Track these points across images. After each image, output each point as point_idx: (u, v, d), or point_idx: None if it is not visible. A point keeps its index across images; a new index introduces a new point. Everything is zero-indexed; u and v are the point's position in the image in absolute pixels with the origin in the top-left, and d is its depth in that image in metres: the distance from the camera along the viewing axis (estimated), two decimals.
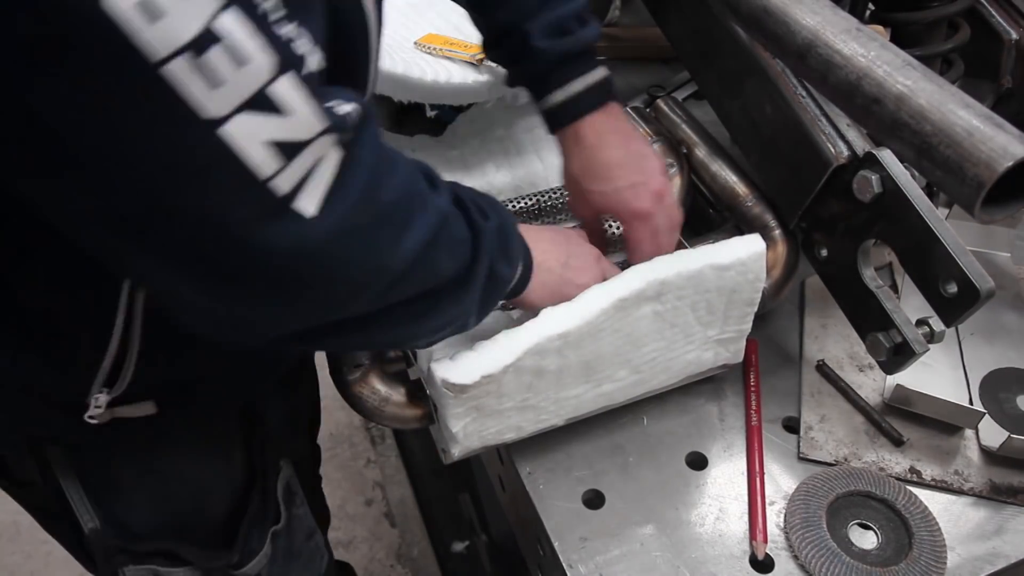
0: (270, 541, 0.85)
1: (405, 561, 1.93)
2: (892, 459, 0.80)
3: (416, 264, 0.55)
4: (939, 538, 0.73)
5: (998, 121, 0.64)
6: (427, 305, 0.59)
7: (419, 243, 0.54)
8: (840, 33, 0.73)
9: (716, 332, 0.80)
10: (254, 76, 0.41)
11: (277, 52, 0.42)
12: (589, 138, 0.79)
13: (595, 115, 0.79)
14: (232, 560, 0.83)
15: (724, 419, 0.84)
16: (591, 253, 0.76)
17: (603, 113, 0.80)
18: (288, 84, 0.43)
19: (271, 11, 0.42)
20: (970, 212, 0.65)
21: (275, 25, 0.42)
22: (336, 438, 2.18)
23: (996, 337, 0.90)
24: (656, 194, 0.78)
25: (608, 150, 0.78)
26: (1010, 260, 0.99)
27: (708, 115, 0.99)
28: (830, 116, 0.79)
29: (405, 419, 0.75)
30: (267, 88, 0.42)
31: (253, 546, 0.84)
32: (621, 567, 0.72)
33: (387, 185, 0.52)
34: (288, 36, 0.43)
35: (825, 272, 0.83)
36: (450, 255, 0.58)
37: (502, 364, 0.68)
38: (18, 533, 2.01)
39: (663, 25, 1.04)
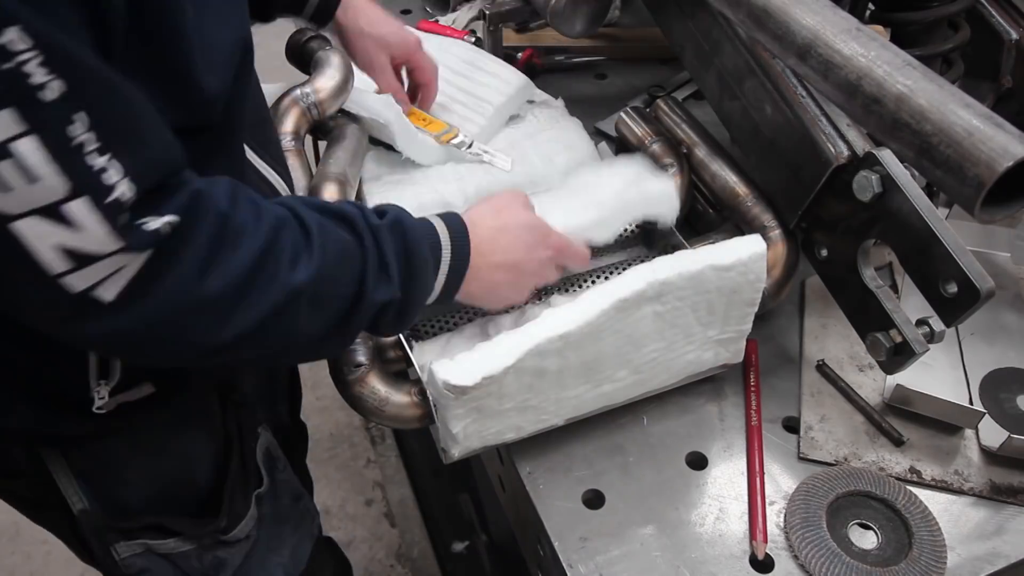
0: (255, 504, 0.88)
1: (405, 561, 1.93)
2: (892, 459, 0.80)
3: (256, 334, 0.58)
4: (939, 538, 0.73)
5: (998, 121, 0.64)
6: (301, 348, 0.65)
7: (253, 321, 0.58)
8: (840, 33, 0.73)
9: (716, 332, 0.80)
10: (45, 192, 0.47)
11: (72, 178, 0.47)
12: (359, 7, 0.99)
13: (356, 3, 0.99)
14: (220, 525, 0.85)
15: (724, 419, 0.84)
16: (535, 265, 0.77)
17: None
18: (83, 206, 0.48)
19: (86, 143, 0.47)
20: (970, 212, 0.65)
21: (87, 156, 0.47)
22: (336, 438, 2.18)
23: (996, 337, 0.90)
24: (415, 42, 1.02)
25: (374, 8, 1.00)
26: (1010, 260, 0.99)
27: (708, 115, 0.99)
28: (830, 116, 0.79)
29: (405, 419, 0.75)
30: (60, 205, 0.47)
31: (238, 510, 0.86)
32: (621, 567, 0.72)
33: (212, 277, 0.55)
34: (99, 167, 0.48)
35: (825, 272, 0.83)
36: (315, 317, 0.62)
37: (503, 365, 0.68)
38: (18, 533, 2.00)
39: (663, 25, 1.04)
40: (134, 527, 0.81)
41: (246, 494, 0.87)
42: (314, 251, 0.60)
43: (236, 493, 0.86)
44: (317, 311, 0.61)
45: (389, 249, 0.64)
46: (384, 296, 0.64)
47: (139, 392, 0.73)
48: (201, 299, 0.55)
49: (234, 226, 0.56)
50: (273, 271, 0.58)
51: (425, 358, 0.77)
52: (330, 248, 0.61)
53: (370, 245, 0.63)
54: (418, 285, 0.67)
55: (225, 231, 0.56)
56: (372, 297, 0.63)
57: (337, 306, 0.62)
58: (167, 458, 0.83)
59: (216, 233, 0.55)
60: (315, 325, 0.62)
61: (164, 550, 0.83)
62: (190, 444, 0.84)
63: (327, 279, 0.61)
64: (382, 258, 0.64)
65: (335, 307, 0.62)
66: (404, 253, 0.65)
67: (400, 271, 0.65)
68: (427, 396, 0.73)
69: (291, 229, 0.60)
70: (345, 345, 0.70)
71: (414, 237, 0.66)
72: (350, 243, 0.63)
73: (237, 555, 0.87)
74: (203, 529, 0.84)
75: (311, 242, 0.60)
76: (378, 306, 0.64)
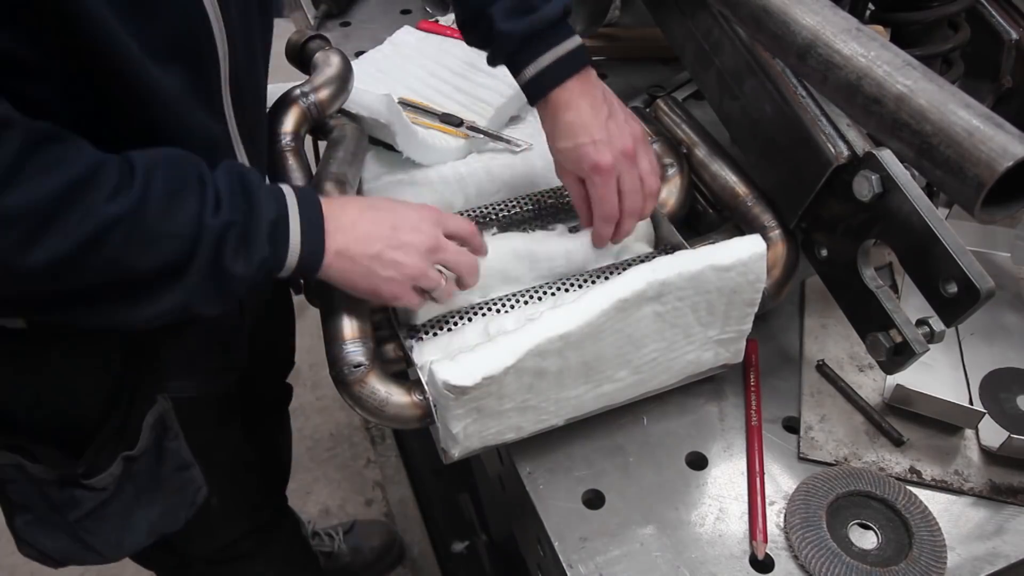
0: (121, 462, 0.90)
1: (405, 561, 1.93)
2: (892, 459, 0.80)
3: (75, 260, 0.59)
4: (939, 538, 0.73)
5: (998, 121, 0.64)
6: (127, 295, 0.65)
7: (63, 252, 0.58)
8: (840, 33, 0.73)
9: (716, 332, 0.80)
10: None
11: None
12: (560, 103, 0.83)
13: (568, 83, 0.83)
14: (77, 471, 0.87)
15: (724, 419, 0.84)
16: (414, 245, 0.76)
17: (576, 80, 0.83)
18: None
19: None
20: (970, 212, 0.65)
21: None
22: (336, 438, 2.18)
23: (996, 337, 0.90)
24: (621, 152, 0.82)
25: (574, 111, 0.82)
26: (1010, 260, 0.99)
27: (708, 115, 0.99)
28: (830, 116, 0.79)
29: (405, 419, 0.75)
30: None
31: (101, 463, 0.89)
32: (621, 567, 0.72)
33: (17, 191, 0.56)
34: None
35: (825, 272, 0.83)
36: (146, 251, 0.62)
37: (503, 365, 0.68)
38: None
39: (663, 25, 1.04)
40: (11, 443, 0.85)
41: (113, 452, 0.89)
42: (135, 186, 0.62)
43: (103, 449, 0.89)
44: (146, 247, 0.62)
45: (224, 185, 0.67)
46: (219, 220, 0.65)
47: (9, 323, 0.75)
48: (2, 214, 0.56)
49: (49, 154, 0.58)
50: (90, 200, 0.59)
51: (425, 358, 0.77)
52: (159, 186, 0.63)
53: (209, 185, 0.66)
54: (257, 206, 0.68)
55: (36, 155, 0.57)
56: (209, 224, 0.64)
57: (171, 244, 0.63)
58: (51, 387, 0.85)
59: (22, 155, 0.56)
60: (147, 261, 0.63)
61: (31, 472, 0.87)
62: (76, 383, 0.86)
63: (154, 214, 0.62)
64: (218, 195, 0.66)
65: (169, 244, 0.63)
66: (240, 185, 0.68)
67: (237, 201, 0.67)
68: (427, 396, 0.73)
69: (113, 168, 0.62)
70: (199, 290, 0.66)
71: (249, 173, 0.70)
72: (189, 185, 0.65)
73: (91, 500, 0.90)
74: (61, 468, 0.87)
75: (134, 178, 0.62)
76: (215, 230, 0.65)
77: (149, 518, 0.97)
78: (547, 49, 0.82)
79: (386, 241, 0.74)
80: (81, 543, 0.94)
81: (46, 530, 0.93)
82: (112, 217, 0.60)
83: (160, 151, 0.67)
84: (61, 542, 0.94)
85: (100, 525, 0.93)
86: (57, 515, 0.91)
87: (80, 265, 0.61)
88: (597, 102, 0.83)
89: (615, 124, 0.83)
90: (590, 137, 0.81)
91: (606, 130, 0.82)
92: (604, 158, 0.81)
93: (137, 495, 0.94)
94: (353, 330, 0.76)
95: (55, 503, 0.90)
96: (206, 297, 0.68)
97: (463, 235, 0.80)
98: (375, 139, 1.02)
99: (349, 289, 0.76)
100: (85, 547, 0.95)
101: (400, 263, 0.74)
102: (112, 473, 0.90)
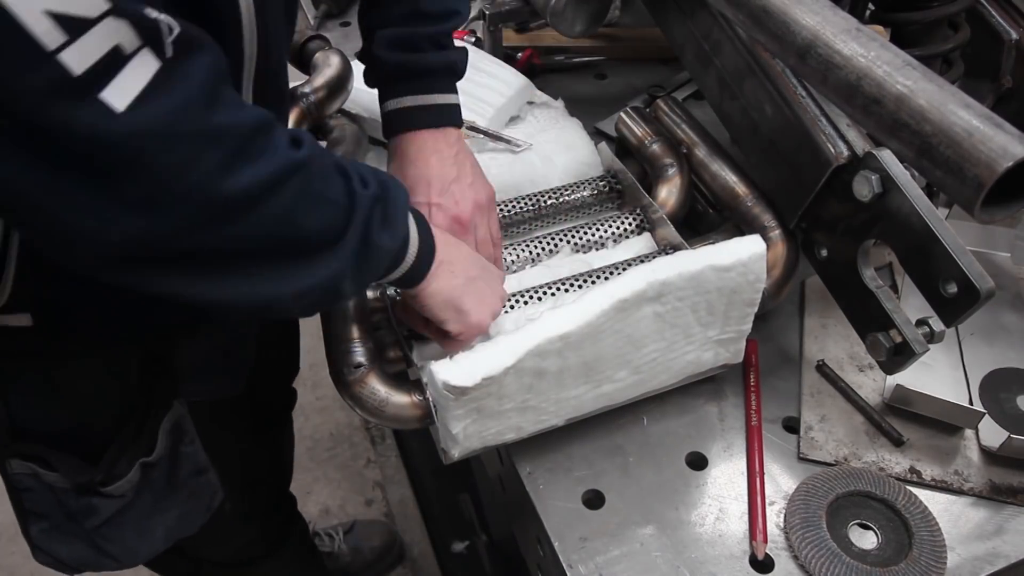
0: (139, 470, 0.90)
1: (405, 561, 1.93)
2: (892, 459, 0.80)
3: (256, 204, 0.56)
4: (939, 538, 0.73)
5: (998, 121, 0.64)
6: (288, 259, 0.61)
7: (257, 181, 0.55)
8: (840, 33, 0.73)
9: (716, 332, 0.80)
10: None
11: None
12: (409, 152, 0.83)
13: (423, 133, 0.83)
14: (96, 478, 0.87)
15: (724, 419, 0.84)
16: (499, 288, 0.78)
17: (433, 135, 0.83)
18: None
19: None
20: (970, 212, 0.65)
21: None
22: (336, 438, 2.18)
23: (996, 337, 0.90)
24: (455, 219, 0.81)
25: (420, 165, 0.82)
26: (1010, 260, 0.99)
27: (708, 115, 0.99)
28: (830, 116, 0.79)
29: (405, 419, 0.75)
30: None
31: (119, 471, 0.88)
32: (621, 567, 0.72)
33: (222, 111, 0.53)
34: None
35: (825, 272, 0.83)
36: (313, 210, 0.60)
37: (503, 366, 0.68)
38: (18, 533, 2.00)
39: (663, 25, 1.04)
40: (26, 452, 0.85)
41: (132, 458, 0.89)
42: (304, 146, 0.60)
43: (121, 456, 0.89)
44: (311, 206, 0.60)
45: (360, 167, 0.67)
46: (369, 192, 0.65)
47: (15, 320, 0.74)
48: (208, 128, 0.53)
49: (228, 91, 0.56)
50: (275, 140, 0.58)
51: (425, 358, 0.77)
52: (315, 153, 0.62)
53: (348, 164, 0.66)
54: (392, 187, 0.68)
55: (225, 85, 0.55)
56: (361, 193, 0.64)
57: (332, 209, 0.62)
58: (67, 396, 0.85)
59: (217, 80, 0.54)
60: (311, 222, 0.61)
61: (47, 480, 0.87)
62: (93, 391, 0.86)
63: (317, 176, 0.61)
64: (360, 172, 0.66)
65: (330, 209, 0.62)
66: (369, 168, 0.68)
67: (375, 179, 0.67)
68: (427, 396, 0.73)
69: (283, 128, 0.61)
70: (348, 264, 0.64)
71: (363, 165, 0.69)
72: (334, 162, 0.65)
73: (109, 507, 0.90)
74: (79, 476, 0.87)
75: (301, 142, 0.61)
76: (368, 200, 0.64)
77: (166, 523, 0.97)
78: (415, 92, 0.83)
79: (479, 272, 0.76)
80: (97, 550, 0.94)
81: (62, 538, 0.93)
82: (293, 162, 0.58)
83: None
84: (77, 550, 0.94)
85: (118, 532, 0.93)
86: (74, 523, 0.90)
87: (261, 206, 0.57)
88: (446, 161, 0.83)
89: (459, 188, 0.82)
90: (427, 198, 0.82)
91: (447, 193, 0.82)
92: (436, 222, 0.80)
93: (155, 501, 0.94)
94: (353, 330, 0.76)
95: (72, 511, 0.90)
96: (355, 271, 0.65)
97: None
98: (375, 139, 1.02)
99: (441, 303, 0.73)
100: (101, 554, 0.95)
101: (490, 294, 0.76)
102: (130, 480, 0.89)
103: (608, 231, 0.92)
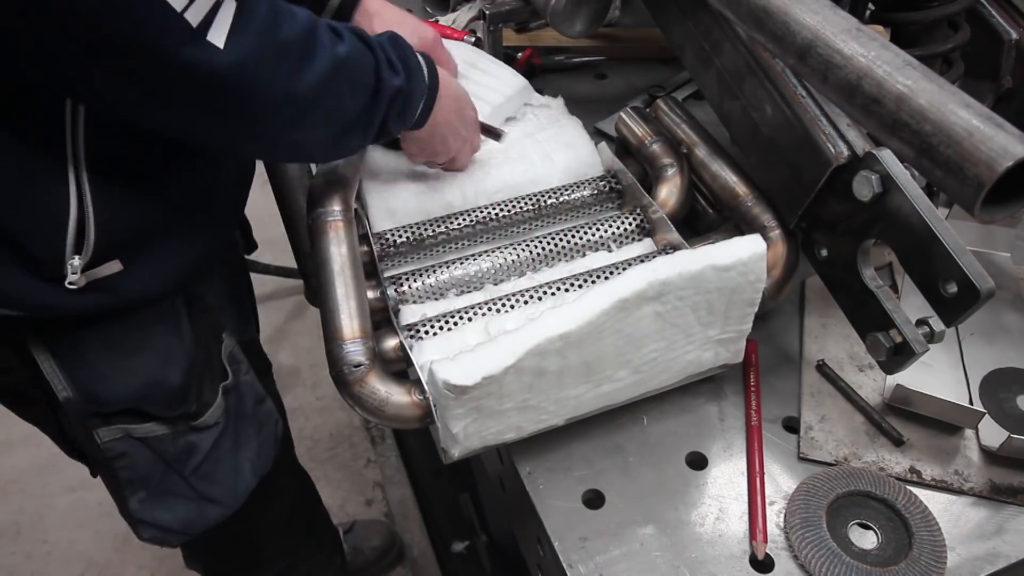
0: (222, 395, 0.97)
1: (405, 561, 1.93)
2: (892, 459, 0.80)
3: (320, 95, 0.71)
4: (939, 538, 0.73)
5: (998, 121, 0.64)
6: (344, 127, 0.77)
7: (319, 76, 0.70)
8: (840, 33, 0.73)
9: (716, 332, 0.80)
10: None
11: None
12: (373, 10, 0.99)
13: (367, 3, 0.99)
14: (191, 410, 0.94)
15: (724, 419, 0.84)
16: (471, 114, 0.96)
17: None
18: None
19: None
20: (970, 212, 0.65)
21: None
22: (336, 438, 2.18)
23: (996, 337, 0.90)
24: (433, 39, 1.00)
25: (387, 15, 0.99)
26: (1010, 260, 0.99)
27: (708, 115, 0.99)
28: (830, 116, 0.79)
29: (405, 419, 0.75)
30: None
31: (207, 398, 0.96)
32: (621, 567, 0.72)
33: (284, 28, 0.67)
34: None
35: (825, 272, 0.83)
36: (353, 92, 0.75)
37: (503, 365, 0.68)
38: (18, 533, 2.01)
39: (663, 25, 1.04)
40: (113, 411, 0.90)
41: (213, 385, 0.96)
42: (344, 37, 0.74)
43: (204, 383, 0.95)
44: (354, 88, 0.75)
45: (392, 52, 0.80)
46: (396, 82, 0.78)
47: (108, 268, 0.80)
48: (279, 43, 0.67)
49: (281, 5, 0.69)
50: (323, 40, 0.71)
51: (425, 358, 0.77)
52: (353, 42, 0.75)
53: (377, 48, 0.78)
54: (415, 79, 0.82)
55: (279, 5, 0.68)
56: (388, 82, 0.77)
57: (365, 91, 0.76)
58: (140, 357, 0.90)
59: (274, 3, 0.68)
60: (353, 103, 0.75)
61: (140, 433, 0.92)
62: (161, 345, 0.92)
63: (356, 61, 0.75)
64: (388, 56, 0.79)
65: (364, 90, 0.76)
66: (401, 56, 0.81)
67: (402, 68, 0.80)
68: (427, 396, 0.73)
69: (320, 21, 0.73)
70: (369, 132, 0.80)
71: (407, 47, 0.83)
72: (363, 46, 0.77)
73: (207, 440, 0.96)
74: (175, 412, 0.92)
75: (341, 31, 0.75)
76: (393, 90, 0.78)
77: (249, 458, 1.04)
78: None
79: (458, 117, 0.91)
80: (200, 499, 0.99)
81: (164, 502, 0.97)
82: (341, 56, 0.72)
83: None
84: (181, 510, 0.99)
85: (217, 468, 0.99)
86: (174, 475, 0.96)
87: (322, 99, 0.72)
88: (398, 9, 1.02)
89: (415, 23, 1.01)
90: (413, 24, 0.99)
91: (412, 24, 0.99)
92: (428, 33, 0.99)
93: (237, 433, 1.00)
94: (353, 330, 0.76)
95: (171, 458, 0.95)
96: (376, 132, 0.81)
97: None
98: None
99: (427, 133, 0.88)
100: (204, 501, 1.00)
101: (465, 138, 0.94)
102: (219, 405, 0.96)
103: (608, 231, 0.92)
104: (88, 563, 1.93)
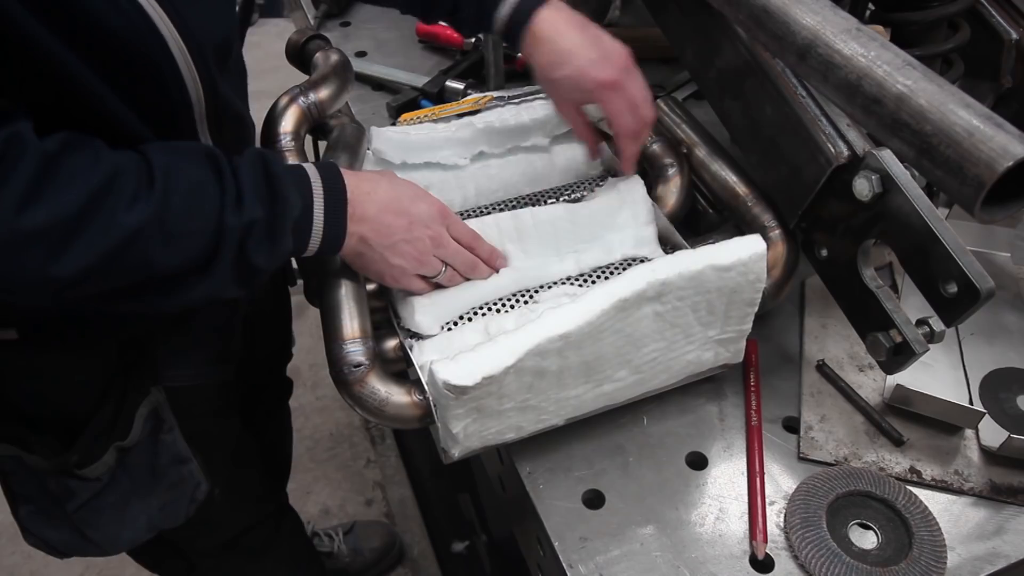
0: (114, 452, 0.91)
1: (405, 561, 1.93)
2: (892, 459, 0.80)
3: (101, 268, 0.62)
4: (939, 538, 0.73)
5: (998, 121, 0.64)
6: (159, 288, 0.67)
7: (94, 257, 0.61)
8: (840, 33, 0.73)
9: (716, 332, 0.80)
10: None
11: None
12: (545, 32, 0.83)
13: (543, 12, 0.84)
14: (71, 460, 0.89)
15: (724, 419, 0.85)
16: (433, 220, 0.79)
17: (550, 9, 0.84)
18: None
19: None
20: (970, 212, 0.65)
21: None
22: (336, 438, 2.18)
23: (996, 337, 0.90)
24: (620, 66, 0.83)
25: (564, 38, 0.83)
26: (1010, 260, 0.99)
27: (708, 115, 0.99)
28: (830, 116, 0.79)
29: (405, 419, 0.75)
30: None
31: (94, 453, 0.90)
32: (621, 567, 0.72)
33: (33, 212, 0.58)
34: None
35: (825, 272, 0.83)
36: (167, 253, 0.64)
37: (503, 365, 0.68)
38: (18, 533, 2.00)
39: (663, 25, 1.04)
40: (9, 435, 0.88)
41: (106, 442, 0.91)
42: (155, 192, 0.63)
43: (96, 439, 0.90)
44: (170, 247, 0.64)
45: (247, 178, 0.68)
46: (243, 219, 0.67)
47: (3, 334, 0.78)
48: (23, 233, 0.57)
49: (63, 167, 0.60)
50: (110, 209, 0.61)
51: (425, 358, 0.77)
52: (178, 187, 0.65)
53: (229, 179, 0.67)
54: (281, 202, 0.69)
55: (49, 170, 0.59)
56: (231, 224, 0.66)
57: (195, 242, 0.65)
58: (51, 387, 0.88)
59: (37, 172, 0.58)
60: (172, 260, 0.65)
61: (27, 461, 0.89)
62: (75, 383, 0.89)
63: (174, 216, 0.64)
64: (239, 189, 0.67)
65: (192, 243, 0.65)
66: (264, 177, 0.69)
67: (261, 195, 0.68)
68: (427, 396, 0.73)
69: (131, 173, 0.63)
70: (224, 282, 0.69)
71: (274, 162, 0.71)
72: (208, 181, 0.66)
73: (86, 490, 0.92)
74: (55, 458, 0.89)
75: (153, 184, 0.64)
76: (239, 230, 0.66)
77: (148, 512, 0.98)
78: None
79: (402, 234, 0.76)
80: (81, 535, 0.95)
81: (49, 521, 0.95)
82: (133, 227, 0.62)
83: (178, 146, 0.68)
84: (64, 533, 0.95)
85: (97, 517, 0.94)
86: (57, 506, 0.93)
87: (107, 272, 0.63)
88: (582, 25, 0.84)
89: (606, 42, 0.84)
90: (587, 58, 0.82)
91: (600, 48, 0.83)
92: (609, 74, 0.82)
93: (133, 487, 0.95)
94: (353, 330, 0.76)
95: (53, 493, 0.92)
96: (233, 286, 0.70)
97: (466, 241, 0.82)
98: None
99: (356, 268, 0.78)
100: (85, 539, 0.96)
101: (409, 255, 0.78)
102: (105, 463, 0.91)
103: None
104: (88, 563, 1.93)
